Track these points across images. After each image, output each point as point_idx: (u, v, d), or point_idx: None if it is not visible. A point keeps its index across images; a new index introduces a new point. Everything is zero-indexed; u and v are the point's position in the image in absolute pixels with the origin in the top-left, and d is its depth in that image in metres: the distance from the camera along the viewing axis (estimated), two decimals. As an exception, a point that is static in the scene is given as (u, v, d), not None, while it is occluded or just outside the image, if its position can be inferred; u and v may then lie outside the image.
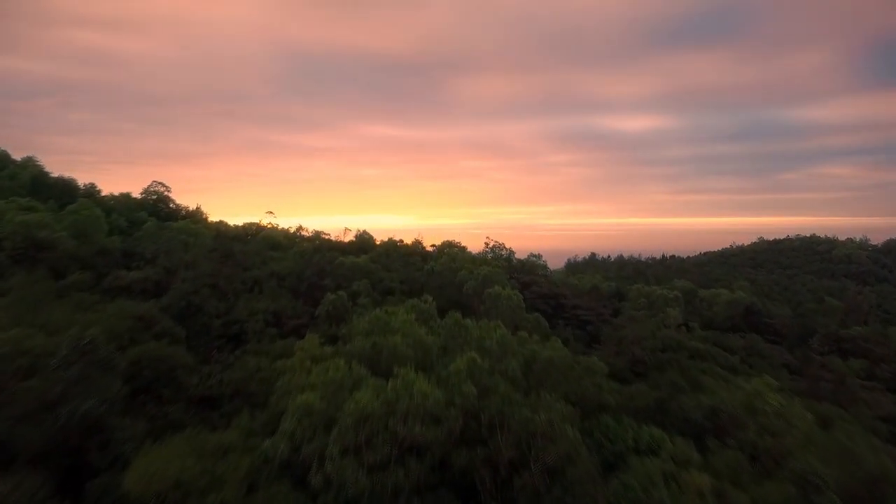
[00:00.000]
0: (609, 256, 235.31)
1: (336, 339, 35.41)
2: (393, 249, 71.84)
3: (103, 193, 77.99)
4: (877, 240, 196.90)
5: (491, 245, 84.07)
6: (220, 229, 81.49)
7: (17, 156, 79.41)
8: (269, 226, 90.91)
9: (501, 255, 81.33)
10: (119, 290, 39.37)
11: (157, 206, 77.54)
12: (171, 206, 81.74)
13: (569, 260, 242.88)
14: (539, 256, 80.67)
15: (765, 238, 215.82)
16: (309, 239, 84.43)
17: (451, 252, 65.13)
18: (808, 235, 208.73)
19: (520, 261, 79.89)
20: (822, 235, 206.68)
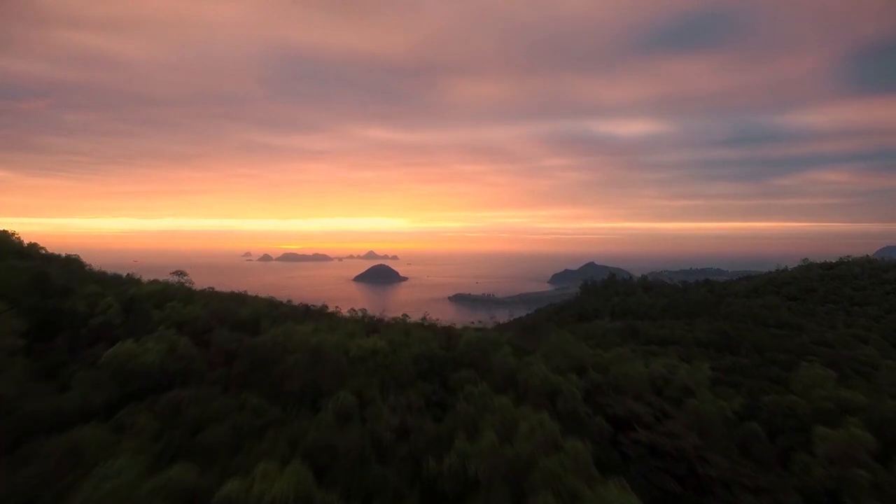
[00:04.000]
0: (630, 276, 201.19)
1: None
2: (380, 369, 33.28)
3: None
4: (873, 247, 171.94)
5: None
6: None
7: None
8: (173, 301, 37.91)
9: (572, 355, 43.66)
10: None
11: None
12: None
13: (584, 283, 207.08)
14: (623, 370, 42.98)
15: (810, 260, 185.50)
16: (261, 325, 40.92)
17: (498, 408, 26.53)
18: (862, 255, 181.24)
19: (597, 371, 42.38)
20: (857, 257, 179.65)
